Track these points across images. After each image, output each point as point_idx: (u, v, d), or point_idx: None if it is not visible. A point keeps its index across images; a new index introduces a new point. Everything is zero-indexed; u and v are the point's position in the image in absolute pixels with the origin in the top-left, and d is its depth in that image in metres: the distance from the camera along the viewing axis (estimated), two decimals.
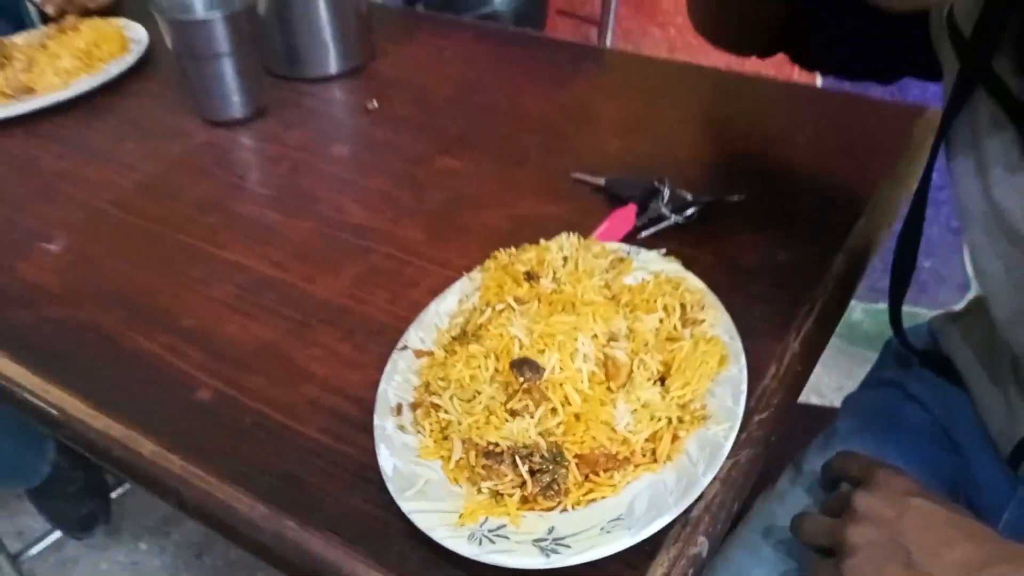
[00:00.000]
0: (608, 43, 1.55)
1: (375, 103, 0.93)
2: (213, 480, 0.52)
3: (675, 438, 0.49)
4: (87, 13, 1.10)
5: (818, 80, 1.08)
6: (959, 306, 0.76)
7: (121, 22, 1.09)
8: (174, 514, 1.54)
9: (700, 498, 0.48)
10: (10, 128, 0.93)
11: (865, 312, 1.80)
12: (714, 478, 0.48)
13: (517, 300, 0.56)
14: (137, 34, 1.07)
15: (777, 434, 0.55)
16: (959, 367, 0.68)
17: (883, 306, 1.47)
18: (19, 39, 1.06)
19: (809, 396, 1.69)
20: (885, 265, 0.65)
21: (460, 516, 0.47)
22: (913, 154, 0.76)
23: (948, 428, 0.69)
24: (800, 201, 0.73)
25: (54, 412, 0.59)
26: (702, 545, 0.47)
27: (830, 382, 1.77)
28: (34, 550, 1.46)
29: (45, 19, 1.16)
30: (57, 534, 1.47)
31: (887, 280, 0.65)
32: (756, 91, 0.91)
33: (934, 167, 0.57)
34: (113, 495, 1.51)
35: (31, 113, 0.94)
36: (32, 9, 1.24)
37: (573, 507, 0.47)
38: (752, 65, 0.82)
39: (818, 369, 2.11)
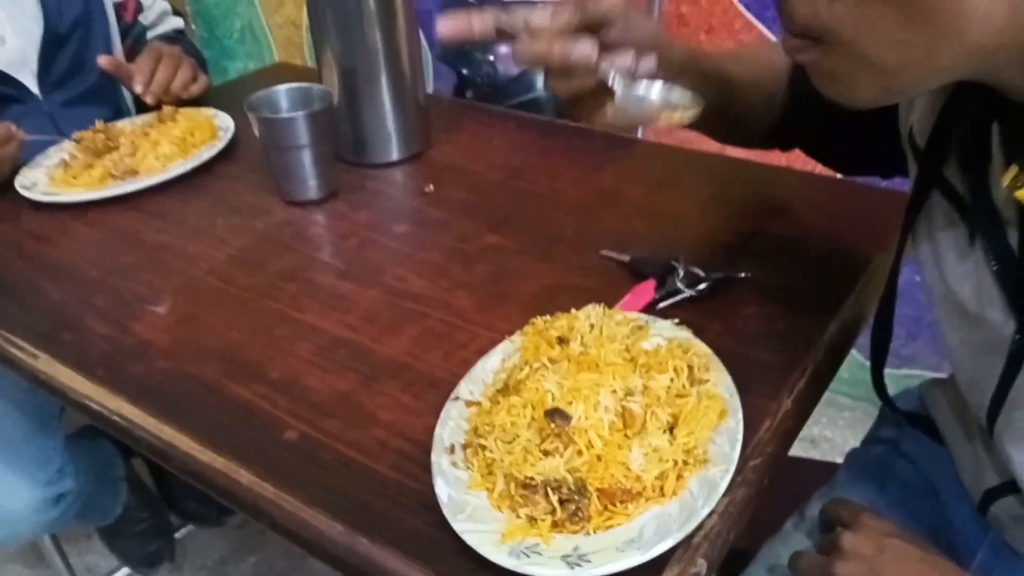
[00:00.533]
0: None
1: (431, 187, 1.02)
2: (299, 504, 0.61)
3: (680, 477, 0.57)
4: (180, 103, 1.23)
5: None
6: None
7: (210, 111, 1.22)
8: (231, 555, 1.63)
9: (701, 527, 0.56)
10: (117, 205, 1.04)
11: (889, 378, 1.83)
12: (712, 511, 0.55)
13: (550, 360, 0.63)
14: (225, 122, 1.19)
15: (771, 479, 0.62)
16: (940, 426, 0.75)
17: (905, 371, 1.53)
18: (124, 126, 1.18)
19: (835, 457, 1.73)
20: (908, 333, 0.72)
21: (502, 536, 0.55)
22: None
23: (932, 480, 0.76)
24: (800, 278, 0.80)
25: (167, 448, 0.68)
26: (701, 566, 0.55)
27: (856, 444, 1.81)
28: None
29: (140, 105, 1.28)
30: (124, 571, 1.56)
31: (912, 347, 0.71)
32: (765, 178, 1.00)
33: (903, 254, 0.66)
34: (177, 535, 1.59)
35: (136, 192, 1.05)
36: (128, 96, 1.39)
37: (594, 531, 0.55)
38: (775, 156, 0.89)
39: (846, 432, 2.13)
